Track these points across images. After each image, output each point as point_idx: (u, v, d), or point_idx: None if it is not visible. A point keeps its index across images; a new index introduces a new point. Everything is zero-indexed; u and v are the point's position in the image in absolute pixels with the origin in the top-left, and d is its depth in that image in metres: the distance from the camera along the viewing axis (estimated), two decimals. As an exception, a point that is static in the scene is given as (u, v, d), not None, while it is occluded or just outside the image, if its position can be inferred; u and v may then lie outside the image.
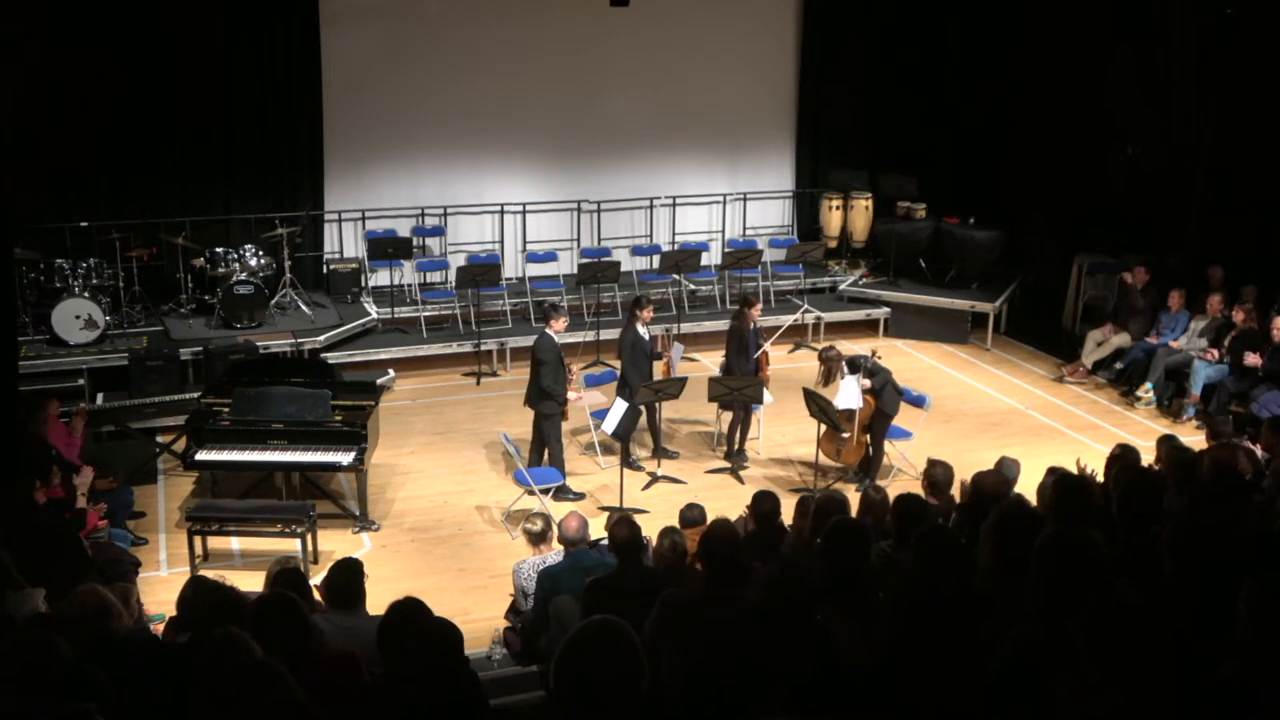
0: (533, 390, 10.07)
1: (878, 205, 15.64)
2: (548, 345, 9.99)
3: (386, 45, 13.93)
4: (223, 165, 13.33)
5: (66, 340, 11.64)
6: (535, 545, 7.52)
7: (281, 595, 4.76)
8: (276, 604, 4.63)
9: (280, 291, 13.05)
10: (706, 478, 10.68)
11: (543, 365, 9.90)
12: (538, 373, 9.96)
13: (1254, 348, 11.47)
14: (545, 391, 9.93)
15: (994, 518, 4.76)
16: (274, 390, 9.59)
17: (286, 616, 4.50)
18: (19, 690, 4.01)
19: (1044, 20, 14.37)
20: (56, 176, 12.44)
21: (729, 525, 5.76)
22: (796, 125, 16.07)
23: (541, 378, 9.91)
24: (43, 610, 5.69)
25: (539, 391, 9.99)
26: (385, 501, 10.17)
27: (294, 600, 4.70)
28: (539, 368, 9.95)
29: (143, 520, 9.61)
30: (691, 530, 7.09)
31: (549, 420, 10.02)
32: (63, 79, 12.29)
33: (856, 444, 10.25)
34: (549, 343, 10.00)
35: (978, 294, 14.72)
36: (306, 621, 4.60)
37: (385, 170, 14.27)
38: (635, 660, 2.99)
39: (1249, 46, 12.21)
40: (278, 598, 4.75)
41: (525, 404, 10.24)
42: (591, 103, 14.89)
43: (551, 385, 9.88)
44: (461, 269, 13.38)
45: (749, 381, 10.76)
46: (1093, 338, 13.25)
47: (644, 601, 4.75)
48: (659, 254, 14.63)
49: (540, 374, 9.92)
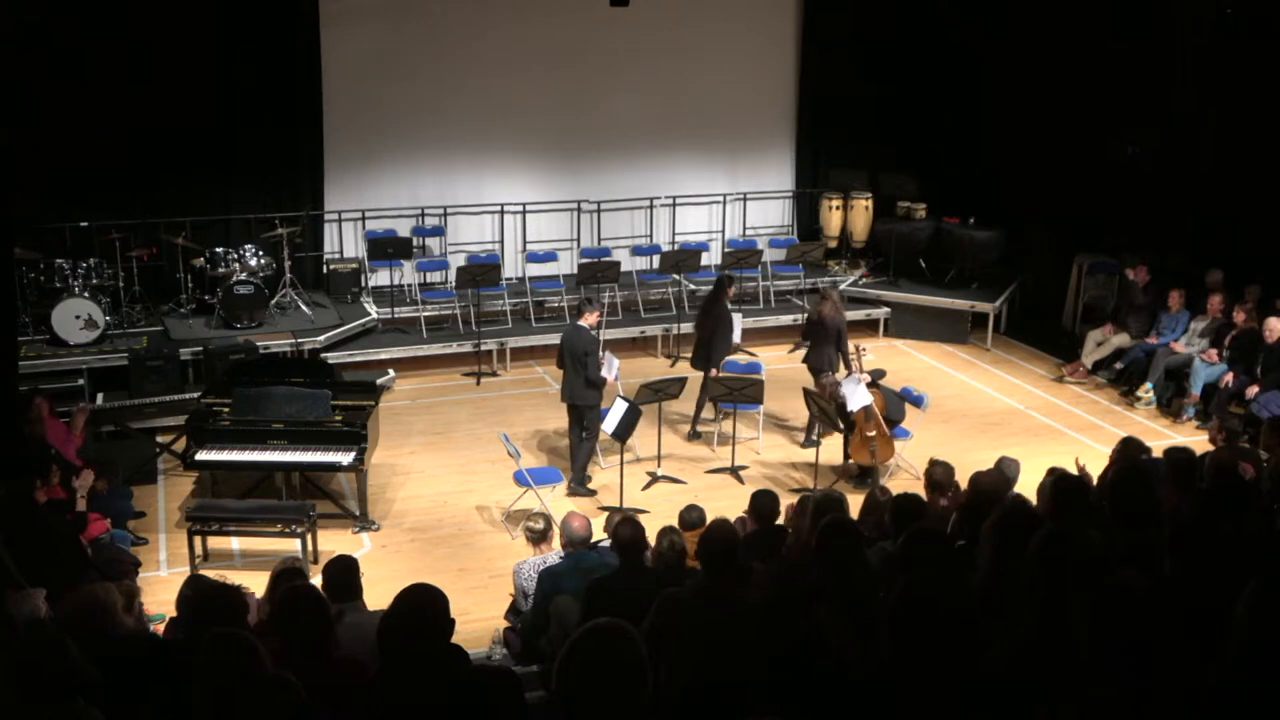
0: (575, 385, 10.08)
1: (878, 205, 15.64)
2: (587, 339, 10.11)
3: (386, 45, 13.93)
4: (223, 165, 13.33)
5: (66, 340, 11.64)
6: (536, 545, 7.52)
7: (309, 588, 4.78)
8: (304, 595, 4.65)
9: (280, 291, 13.06)
10: (706, 478, 10.69)
11: (588, 357, 10.00)
12: (580, 366, 10.00)
13: (1253, 348, 11.49)
14: (591, 383, 10.03)
15: (994, 518, 4.77)
16: (274, 390, 9.60)
17: (313, 608, 4.52)
18: (25, 689, 4.01)
19: (1044, 20, 14.37)
20: (56, 176, 12.44)
21: (728, 525, 5.75)
22: (796, 125, 16.08)
23: (589, 370, 10.00)
24: (43, 610, 5.69)
25: (584, 384, 10.04)
26: (385, 501, 10.17)
27: (319, 594, 4.73)
28: (584, 359, 10.00)
29: (143, 520, 9.61)
30: (691, 532, 7.09)
31: (592, 410, 10.17)
32: (63, 79, 12.29)
33: (884, 438, 10.13)
34: (587, 335, 10.13)
35: (978, 294, 14.72)
36: (329, 615, 4.61)
37: (385, 170, 14.27)
38: (637, 662, 2.99)
39: (1249, 46, 12.20)
40: (306, 590, 4.76)
41: (563, 400, 10.29)
42: (591, 103, 14.89)
43: (597, 376, 10.03)
44: (461, 269, 13.39)
45: (749, 381, 10.78)
46: (1093, 338, 13.25)
47: (646, 602, 4.76)
48: (659, 254, 14.62)
49: (587, 366, 9.99)
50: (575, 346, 10.06)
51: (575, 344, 10.08)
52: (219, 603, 4.99)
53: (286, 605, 4.58)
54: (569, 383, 10.14)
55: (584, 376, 10.01)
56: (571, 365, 10.07)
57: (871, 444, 10.10)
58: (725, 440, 11.11)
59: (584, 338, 10.10)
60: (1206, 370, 11.79)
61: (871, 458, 10.20)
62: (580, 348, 10.03)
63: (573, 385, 10.11)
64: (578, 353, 10.03)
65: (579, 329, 10.18)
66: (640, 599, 4.98)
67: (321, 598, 4.71)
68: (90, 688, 4.12)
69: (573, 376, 10.09)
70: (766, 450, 11.25)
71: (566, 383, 10.18)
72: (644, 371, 13.02)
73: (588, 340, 10.09)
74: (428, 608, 3.85)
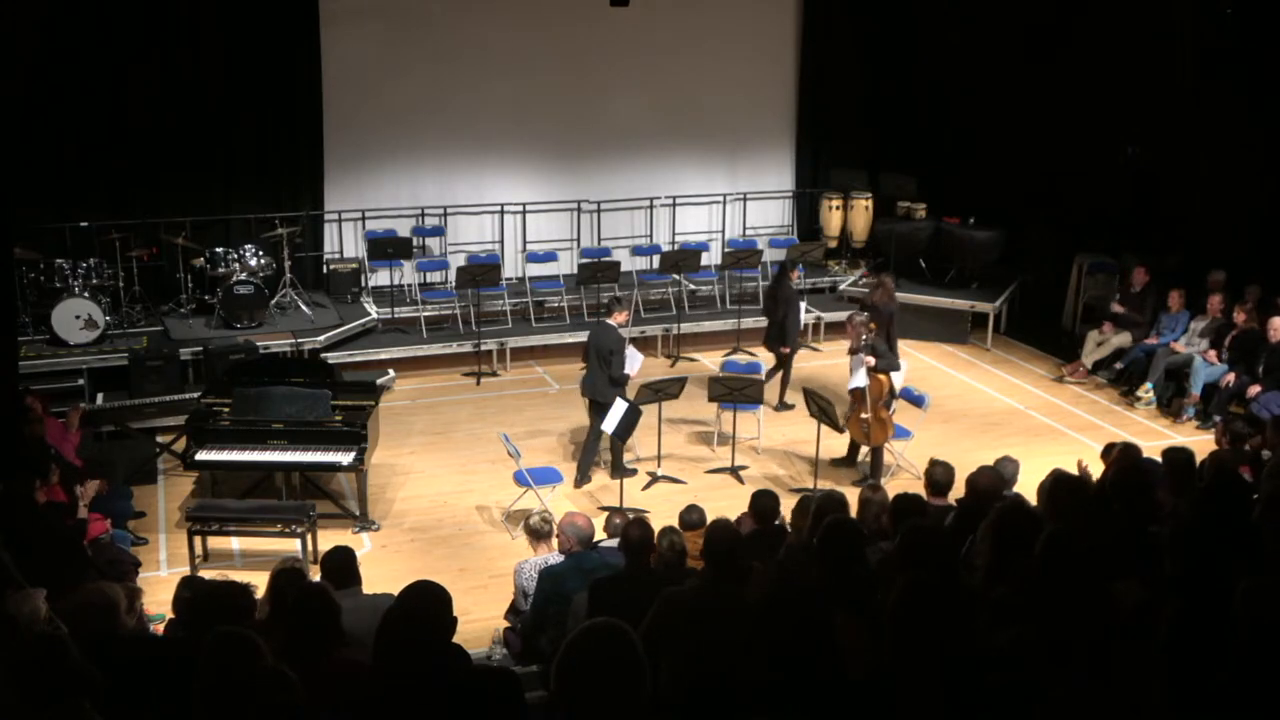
0: (598, 381, 10.29)
1: (878, 205, 15.64)
2: (614, 337, 10.32)
3: (387, 45, 13.93)
4: (223, 165, 13.34)
5: (66, 340, 11.65)
6: (537, 545, 7.51)
7: (320, 586, 4.78)
8: (315, 593, 4.68)
9: (280, 291, 13.06)
10: (706, 478, 10.69)
11: (613, 355, 10.23)
12: (605, 363, 10.23)
13: (1253, 348, 11.49)
14: (614, 380, 10.23)
15: (992, 517, 4.76)
16: (274, 390, 9.60)
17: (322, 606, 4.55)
18: (26, 688, 4.01)
19: (1044, 20, 14.37)
20: (57, 176, 12.44)
21: (729, 525, 5.76)
22: (796, 125, 16.08)
23: (613, 368, 10.21)
24: (44, 610, 5.69)
25: (608, 381, 10.23)
26: (385, 501, 10.17)
27: (329, 594, 4.73)
28: (609, 356, 10.22)
29: (143, 520, 9.61)
30: (691, 533, 7.09)
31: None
32: (63, 79, 12.30)
33: (879, 420, 10.25)
34: (614, 334, 10.33)
35: (978, 294, 14.72)
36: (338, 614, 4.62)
37: (385, 170, 14.27)
38: (635, 662, 2.99)
39: (1249, 46, 12.20)
40: (317, 588, 4.77)
41: (584, 395, 10.59)
42: (591, 103, 14.89)
43: (620, 374, 10.27)
44: (461, 269, 13.38)
45: (749, 381, 10.79)
46: (1093, 338, 13.25)
47: (650, 602, 4.75)
48: (659, 254, 14.62)
49: (612, 364, 10.22)
50: (602, 344, 10.28)
51: (602, 341, 10.31)
52: (224, 601, 5.00)
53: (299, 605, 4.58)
54: (592, 378, 10.35)
55: (608, 374, 10.22)
56: (597, 361, 10.28)
57: (864, 424, 10.29)
58: (725, 440, 11.11)
59: (611, 335, 10.31)
60: (1207, 370, 11.79)
61: (865, 438, 10.41)
62: (607, 345, 10.25)
63: (596, 381, 10.31)
64: (604, 350, 10.24)
65: (607, 326, 10.43)
66: (645, 599, 4.98)
67: (334, 601, 4.70)
68: (91, 688, 4.12)
69: (597, 372, 10.30)
70: (766, 450, 11.26)
71: (589, 378, 10.39)
72: (644, 371, 12.95)
73: (615, 338, 10.29)
74: (430, 606, 3.85)
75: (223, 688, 3.64)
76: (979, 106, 15.29)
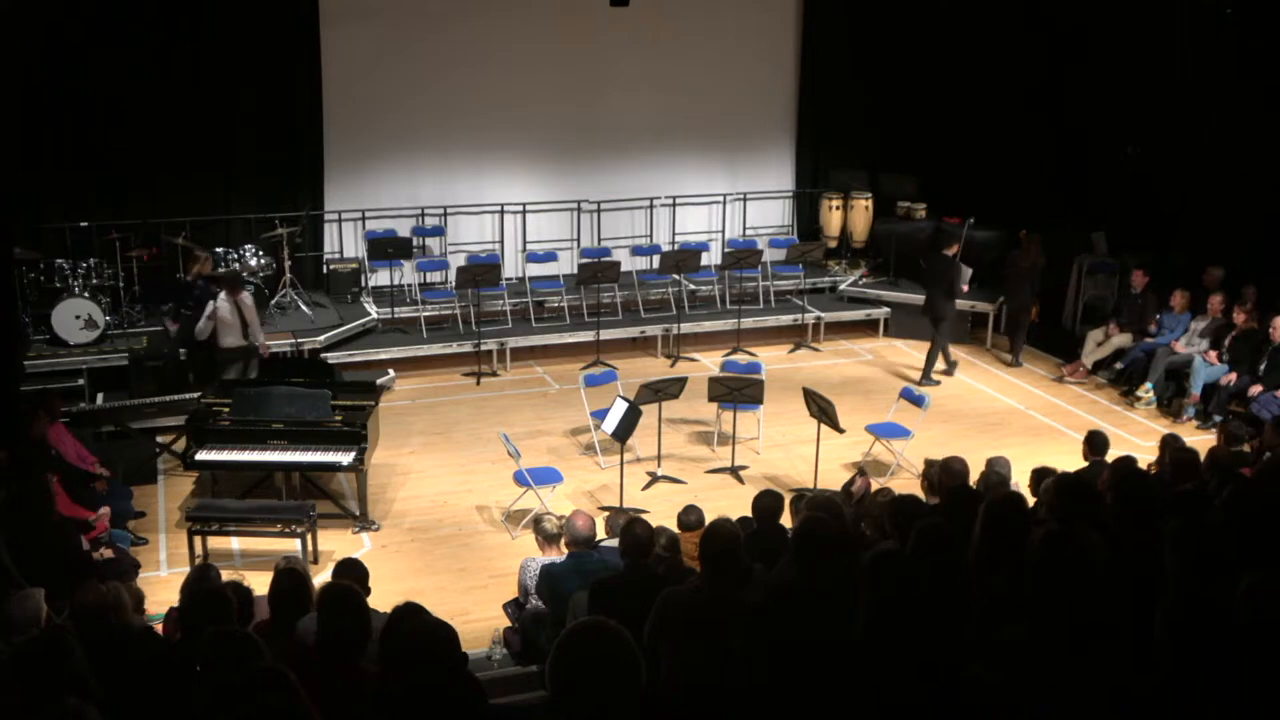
0: (936, 301, 12.76)
1: (878, 205, 15.64)
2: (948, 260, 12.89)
3: (386, 45, 13.93)
4: (223, 165, 13.33)
5: (66, 340, 11.64)
6: (547, 548, 7.47)
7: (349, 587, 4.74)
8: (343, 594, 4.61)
9: (280, 291, 13.06)
10: (706, 478, 10.68)
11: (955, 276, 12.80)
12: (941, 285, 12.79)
13: (1254, 348, 11.48)
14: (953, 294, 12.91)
15: (983, 513, 4.75)
16: (274, 390, 9.60)
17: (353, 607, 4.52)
18: (27, 687, 4.01)
19: (1043, 19, 14.36)
20: (56, 176, 12.44)
21: (729, 524, 5.75)
22: (796, 125, 16.08)
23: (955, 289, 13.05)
24: (44, 610, 5.69)
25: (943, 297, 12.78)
26: (385, 501, 10.17)
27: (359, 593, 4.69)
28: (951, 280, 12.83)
29: (143, 520, 9.61)
30: (690, 534, 7.09)
31: (946, 322, 13.12)
32: (63, 79, 12.30)
33: None
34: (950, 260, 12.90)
35: (978, 294, 14.71)
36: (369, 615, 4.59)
37: (385, 170, 14.27)
38: (629, 660, 2.99)
39: (1249, 46, 12.20)
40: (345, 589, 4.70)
41: (923, 314, 13.01)
42: (591, 103, 14.89)
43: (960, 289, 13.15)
44: (461, 269, 13.38)
45: (749, 381, 10.77)
46: (1093, 338, 13.25)
47: (650, 602, 4.74)
48: (659, 254, 14.62)
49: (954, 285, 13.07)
50: (938, 269, 13.04)
51: (937, 267, 13.05)
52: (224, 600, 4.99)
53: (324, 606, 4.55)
54: (931, 302, 13.20)
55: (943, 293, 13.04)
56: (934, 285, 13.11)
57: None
58: (725, 440, 11.11)
59: (948, 263, 13.08)
60: (1207, 370, 11.79)
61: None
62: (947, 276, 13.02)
63: (934, 301, 13.08)
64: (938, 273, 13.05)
65: (943, 257, 13.10)
66: (646, 600, 4.97)
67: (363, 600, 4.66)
68: (91, 689, 4.12)
69: (936, 295, 13.08)
70: (766, 450, 11.25)
71: (929, 302, 13.25)
72: (644, 371, 13.03)
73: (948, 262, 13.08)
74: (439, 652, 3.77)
75: (221, 687, 3.63)
76: (979, 106, 15.28)
